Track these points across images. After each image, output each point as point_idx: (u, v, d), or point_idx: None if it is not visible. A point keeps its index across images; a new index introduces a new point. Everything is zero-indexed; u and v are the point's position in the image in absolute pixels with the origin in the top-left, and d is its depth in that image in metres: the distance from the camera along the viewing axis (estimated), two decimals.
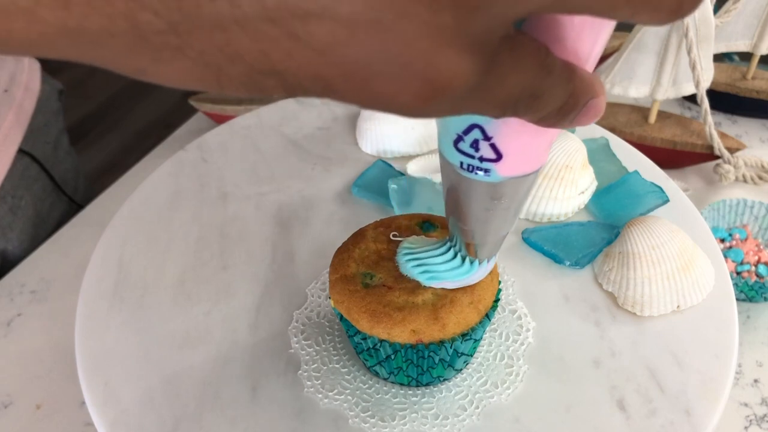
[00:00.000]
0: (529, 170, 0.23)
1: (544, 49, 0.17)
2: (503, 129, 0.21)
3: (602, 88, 0.19)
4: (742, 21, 0.69)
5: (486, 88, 0.16)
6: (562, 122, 0.19)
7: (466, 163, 0.22)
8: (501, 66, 0.16)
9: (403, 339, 0.32)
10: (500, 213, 0.25)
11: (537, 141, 0.22)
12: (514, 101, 0.17)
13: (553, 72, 0.17)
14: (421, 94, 0.15)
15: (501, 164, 0.22)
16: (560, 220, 0.46)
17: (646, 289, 0.40)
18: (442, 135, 0.23)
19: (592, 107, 0.19)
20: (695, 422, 0.34)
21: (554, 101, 0.18)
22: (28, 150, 0.65)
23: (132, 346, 0.39)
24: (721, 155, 0.65)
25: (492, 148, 0.21)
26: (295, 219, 0.47)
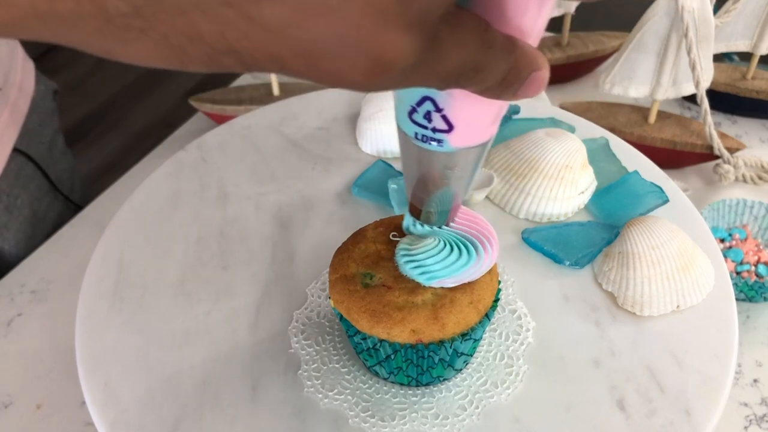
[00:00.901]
0: (479, 141, 0.24)
1: (484, 24, 0.18)
2: (453, 101, 0.22)
3: (544, 61, 0.20)
4: (741, 21, 0.69)
5: (429, 63, 0.17)
6: (505, 93, 0.20)
7: (420, 133, 0.24)
8: (442, 42, 0.17)
9: (403, 339, 0.32)
10: (454, 182, 0.26)
11: (485, 113, 0.23)
12: (456, 74, 0.18)
13: (494, 46, 0.18)
14: (368, 71, 0.16)
15: (452, 135, 0.23)
16: (560, 220, 0.46)
17: (646, 289, 0.40)
18: (398, 107, 0.24)
19: (534, 80, 0.20)
20: (695, 422, 0.34)
21: (496, 74, 0.19)
22: (23, 149, 0.65)
23: (132, 346, 0.39)
24: (721, 155, 0.65)
25: (443, 119, 0.23)
26: (295, 219, 0.47)
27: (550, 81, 0.79)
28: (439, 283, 0.32)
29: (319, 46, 0.15)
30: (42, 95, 0.70)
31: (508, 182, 0.47)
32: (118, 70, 2.05)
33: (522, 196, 0.46)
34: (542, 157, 0.46)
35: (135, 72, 2.06)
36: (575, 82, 0.83)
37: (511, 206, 0.47)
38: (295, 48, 0.15)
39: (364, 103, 0.53)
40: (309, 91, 0.60)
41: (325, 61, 0.16)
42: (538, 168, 0.46)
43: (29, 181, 0.66)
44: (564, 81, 0.83)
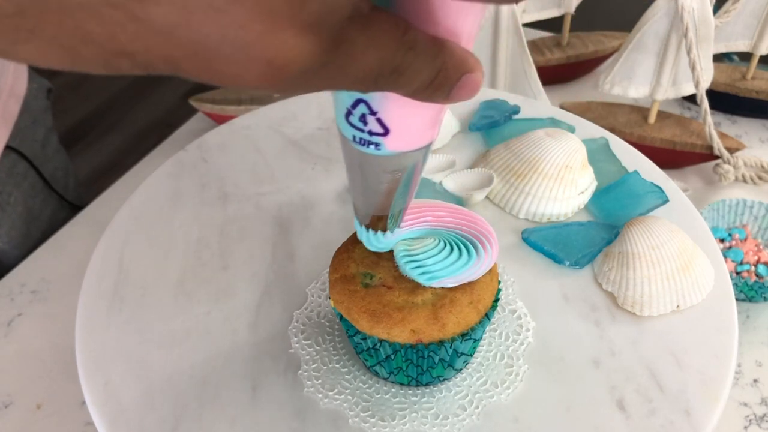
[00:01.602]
0: (418, 145, 0.24)
1: (403, 25, 0.17)
2: (387, 104, 0.21)
3: (477, 63, 0.20)
4: (741, 21, 0.69)
5: (337, 66, 0.17)
6: (436, 96, 0.20)
7: (357, 136, 0.23)
8: (352, 44, 0.16)
9: (403, 339, 0.32)
10: (395, 186, 0.26)
11: (422, 116, 0.23)
12: (373, 77, 0.18)
13: (416, 47, 0.18)
14: (262, 74, 0.16)
15: (389, 138, 0.23)
16: (560, 220, 0.46)
17: (646, 289, 0.40)
18: (336, 108, 0.23)
19: (466, 82, 0.19)
20: (695, 422, 0.34)
21: (421, 76, 0.18)
22: (15, 147, 0.65)
23: (132, 346, 0.39)
24: (721, 155, 0.65)
25: (379, 123, 0.22)
26: (295, 219, 0.47)
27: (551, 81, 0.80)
28: (439, 283, 0.32)
29: (210, 48, 0.15)
30: (35, 94, 0.70)
31: (508, 182, 0.47)
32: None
33: (522, 196, 0.46)
34: (542, 157, 0.46)
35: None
36: (575, 82, 0.83)
37: (511, 206, 0.47)
38: (186, 50, 0.15)
39: None
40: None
41: (218, 63, 0.15)
42: (538, 168, 0.46)
43: (22, 178, 0.66)
44: (564, 81, 0.83)
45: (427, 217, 0.34)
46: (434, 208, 0.34)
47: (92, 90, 2.03)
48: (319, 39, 0.16)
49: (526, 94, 0.66)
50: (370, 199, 0.28)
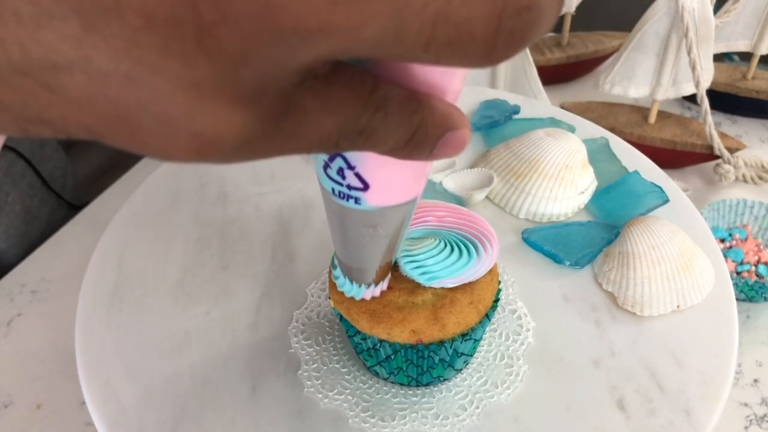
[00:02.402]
0: (401, 201, 0.22)
1: (370, 83, 0.16)
2: (365, 159, 0.20)
3: (462, 118, 0.18)
4: (741, 21, 0.69)
5: (286, 134, 0.15)
6: (415, 155, 0.18)
7: (336, 189, 0.21)
8: (302, 111, 0.15)
9: (403, 339, 0.32)
10: (377, 240, 0.24)
11: (403, 172, 0.21)
12: (335, 140, 0.16)
13: (386, 107, 0.16)
14: (192, 149, 0.14)
15: (369, 193, 0.21)
16: (560, 220, 0.46)
17: (646, 289, 0.40)
18: (315, 159, 0.22)
19: (449, 140, 0.18)
20: (695, 422, 0.34)
21: (395, 136, 0.17)
22: (13, 146, 0.65)
23: (132, 346, 0.39)
24: (721, 155, 0.65)
25: (357, 177, 0.21)
26: (295, 219, 0.47)
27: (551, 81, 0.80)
28: (440, 283, 0.32)
29: (131, 120, 0.14)
30: None
31: (508, 182, 0.47)
32: None
33: (522, 196, 0.46)
34: (542, 157, 0.46)
35: None
36: (575, 82, 0.83)
37: (511, 206, 0.47)
38: (106, 120, 0.14)
39: None
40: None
41: (141, 137, 0.14)
42: (538, 168, 0.46)
43: (20, 178, 0.66)
44: (564, 81, 0.83)
45: (428, 217, 0.34)
46: (434, 208, 0.34)
47: None
48: (256, 110, 0.14)
49: (526, 94, 0.66)
50: (351, 252, 0.26)
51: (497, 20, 0.13)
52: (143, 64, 0.13)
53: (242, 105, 0.14)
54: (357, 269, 0.28)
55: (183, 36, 0.12)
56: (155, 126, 0.14)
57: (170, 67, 0.13)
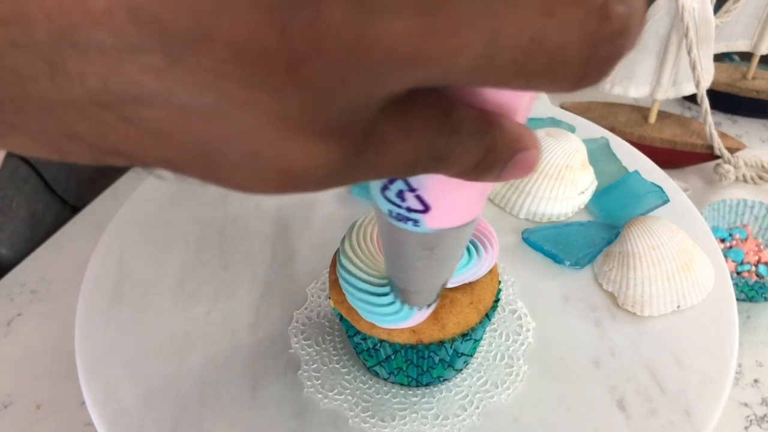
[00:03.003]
0: (461, 222, 0.21)
1: (445, 107, 0.15)
2: (427, 182, 0.19)
3: (533, 140, 0.17)
4: (742, 21, 0.69)
5: (368, 162, 0.15)
6: (484, 177, 0.17)
7: (394, 212, 0.21)
8: (382, 138, 0.14)
9: (403, 339, 0.32)
10: (434, 263, 0.24)
11: (466, 194, 0.20)
12: (411, 165, 0.16)
13: (460, 130, 0.15)
14: (278, 183, 0.14)
15: (429, 216, 0.20)
16: (560, 220, 0.46)
17: (646, 289, 0.40)
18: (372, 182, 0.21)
19: (520, 161, 0.17)
20: (695, 422, 0.34)
21: (467, 158, 0.16)
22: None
23: (132, 346, 0.39)
24: (721, 155, 0.65)
25: (418, 200, 0.20)
26: (295, 219, 0.47)
27: None
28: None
29: (214, 155, 0.13)
30: None
31: (508, 182, 0.47)
32: None
33: (522, 196, 0.46)
34: (542, 156, 0.46)
35: None
36: None
37: (511, 206, 0.47)
38: (186, 154, 0.13)
39: None
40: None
41: (223, 171, 0.14)
42: (538, 168, 0.46)
43: (24, 182, 0.66)
44: None
45: None
46: None
47: None
48: (342, 142, 0.14)
49: None
50: (407, 274, 0.26)
51: (591, 47, 0.12)
52: (230, 98, 0.12)
53: (328, 137, 0.13)
54: (412, 292, 0.27)
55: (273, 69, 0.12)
56: (239, 160, 0.13)
57: (258, 101, 0.12)
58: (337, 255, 0.33)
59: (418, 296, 0.28)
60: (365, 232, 0.33)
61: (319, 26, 0.11)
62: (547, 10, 0.12)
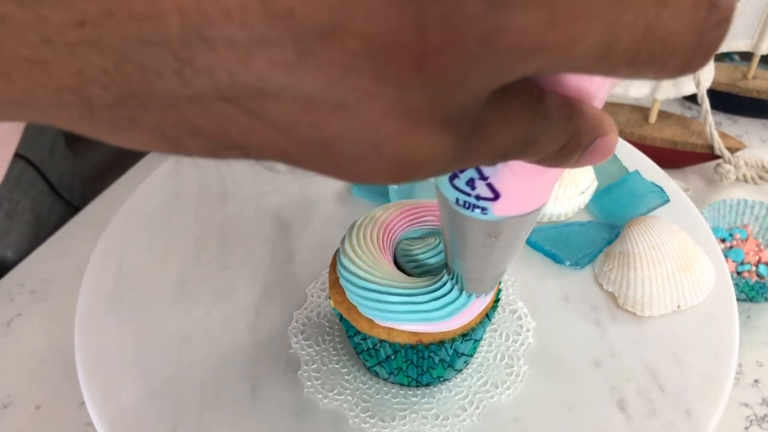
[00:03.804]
0: (529, 210, 0.22)
1: (536, 93, 0.16)
2: (500, 170, 0.20)
3: (611, 124, 0.18)
4: (742, 21, 0.69)
5: (472, 150, 0.15)
6: (564, 162, 0.18)
7: (462, 199, 0.21)
8: (486, 128, 0.15)
9: (403, 339, 0.32)
10: (498, 250, 0.24)
11: (537, 182, 0.21)
12: (507, 151, 0.16)
13: (550, 116, 0.16)
14: (395, 173, 0.14)
15: (498, 204, 0.21)
16: (560, 220, 0.46)
17: (647, 289, 0.40)
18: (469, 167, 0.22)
19: (599, 146, 0.18)
20: (695, 422, 0.34)
21: (553, 144, 0.17)
22: (23, 154, 0.65)
23: (132, 346, 0.39)
24: (722, 155, 0.65)
25: (489, 188, 0.20)
26: (295, 219, 0.47)
27: None
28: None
29: (335, 147, 0.13)
30: None
31: None
32: None
33: None
34: None
35: None
36: None
37: None
38: (307, 147, 0.13)
39: None
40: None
41: (343, 163, 0.14)
42: None
43: (30, 186, 0.66)
44: None
45: (428, 217, 0.34)
46: (434, 207, 0.34)
47: None
48: (458, 132, 0.14)
49: None
50: (469, 262, 0.26)
51: (699, 34, 0.13)
52: (356, 91, 0.12)
53: (446, 128, 0.14)
54: (474, 279, 0.27)
55: (403, 61, 0.12)
56: (359, 153, 0.14)
57: (384, 94, 0.12)
58: (337, 255, 0.33)
59: (479, 284, 0.28)
60: (365, 232, 0.33)
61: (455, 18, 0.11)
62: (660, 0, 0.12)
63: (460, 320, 0.30)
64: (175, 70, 0.12)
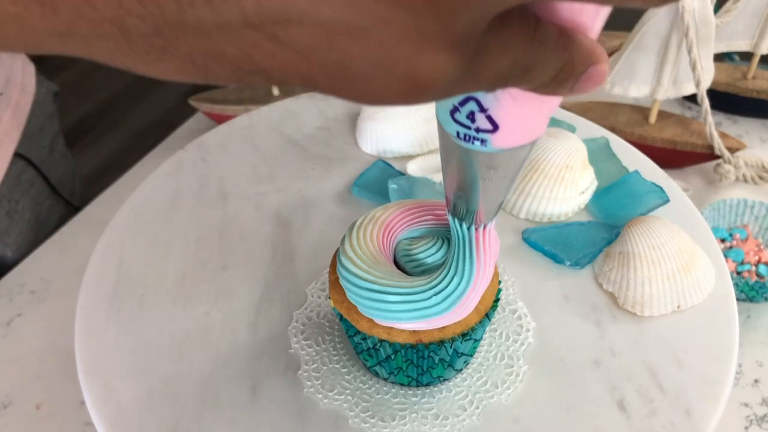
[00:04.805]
0: (526, 141, 0.23)
1: (533, 22, 0.17)
2: (499, 101, 0.21)
3: (603, 54, 0.19)
4: (742, 21, 0.69)
5: (473, 74, 0.16)
6: (559, 90, 0.19)
7: (462, 133, 0.22)
8: (488, 50, 0.16)
9: (403, 339, 0.32)
10: (497, 182, 0.25)
11: (534, 112, 0.22)
12: (504, 78, 0.17)
13: (546, 43, 0.17)
14: (406, 92, 0.15)
15: (497, 135, 0.22)
16: (560, 220, 0.46)
17: (647, 289, 0.40)
18: (439, 105, 0.23)
19: (592, 74, 0.19)
20: (695, 422, 0.34)
21: (548, 71, 0.18)
22: (23, 153, 0.65)
23: (132, 345, 0.39)
24: (722, 155, 0.65)
25: (488, 120, 0.22)
26: (295, 219, 0.47)
27: None
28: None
29: (352, 70, 0.15)
30: (42, 98, 0.70)
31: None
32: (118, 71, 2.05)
33: (522, 196, 0.46)
34: (542, 157, 0.46)
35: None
36: None
37: (511, 206, 0.47)
38: (326, 70, 0.15)
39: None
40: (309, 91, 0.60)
41: (359, 83, 0.15)
42: (538, 168, 0.46)
43: (30, 185, 0.66)
44: None
45: (427, 216, 0.34)
46: (434, 207, 0.34)
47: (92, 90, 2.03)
48: (463, 53, 0.15)
49: None
50: (468, 194, 0.27)
51: None
52: (372, 16, 0.14)
53: (454, 50, 0.15)
54: (472, 212, 0.28)
55: None
56: (375, 74, 0.15)
57: (398, 18, 0.14)
58: (337, 255, 0.33)
59: (477, 216, 0.29)
60: (365, 232, 0.33)
61: None
62: None
63: (459, 313, 0.31)
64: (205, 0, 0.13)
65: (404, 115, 0.51)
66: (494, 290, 0.34)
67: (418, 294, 0.30)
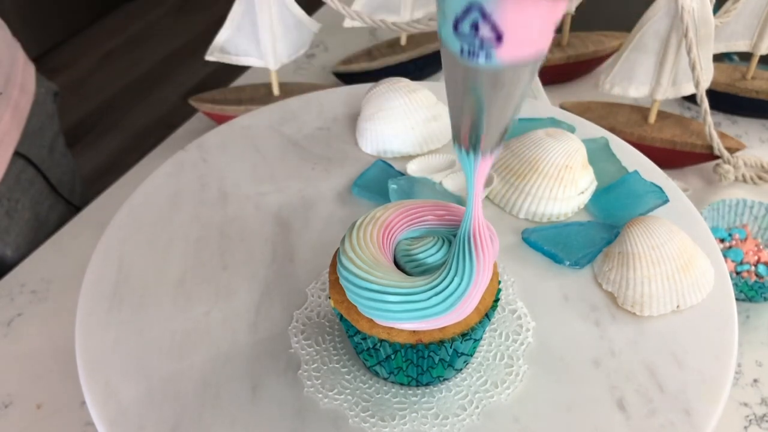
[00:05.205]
0: (530, 53, 0.23)
1: None
2: (503, 4, 0.21)
3: None
4: (741, 21, 0.69)
5: None
6: None
7: (466, 48, 0.22)
8: None
9: (403, 339, 0.32)
10: (500, 102, 0.25)
11: (538, 17, 0.22)
12: None
13: None
14: None
15: (502, 46, 0.22)
16: (560, 220, 0.46)
17: (646, 289, 0.40)
18: (442, 22, 0.23)
19: None
20: (695, 422, 0.34)
21: None
22: (23, 153, 0.65)
23: (132, 345, 0.39)
24: (721, 155, 0.65)
25: (492, 28, 0.22)
26: (295, 219, 0.47)
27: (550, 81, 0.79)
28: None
29: None
30: (42, 98, 0.70)
31: (508, 182, 0.47)
32: (118, 71, 2.05)
33: (522, 196, 0.46)
34: (542, 157, 0.46)
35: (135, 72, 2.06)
36: (575, 82, 0.83)
37: (511, 206, 0.47)
38: None
39: (364, 103, 0.53)
40: (309, 91, 0.60)
41: None
42: (538, 168, 0.46)
43: (30, 185, 0.66)
44: (564, 81, 0.83)
45: (427, 216, 0.34)
46: (434, 207, 0.34)
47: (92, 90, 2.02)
48: None
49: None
50: (473, 117, 0.27)
51: None
52: None
53: None
54: (477, 136, 0.28)
55: None
56: None
57: None
58: (337, 255, 0.33)
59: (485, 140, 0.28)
60: (365, 232, 0.33)
61: None
62: None
63: (459, 313, 0.31)
64: None
65: (404, 115, 0.51)
66: (494, 290, 0.34)
67: (418, 294, 0.30)
